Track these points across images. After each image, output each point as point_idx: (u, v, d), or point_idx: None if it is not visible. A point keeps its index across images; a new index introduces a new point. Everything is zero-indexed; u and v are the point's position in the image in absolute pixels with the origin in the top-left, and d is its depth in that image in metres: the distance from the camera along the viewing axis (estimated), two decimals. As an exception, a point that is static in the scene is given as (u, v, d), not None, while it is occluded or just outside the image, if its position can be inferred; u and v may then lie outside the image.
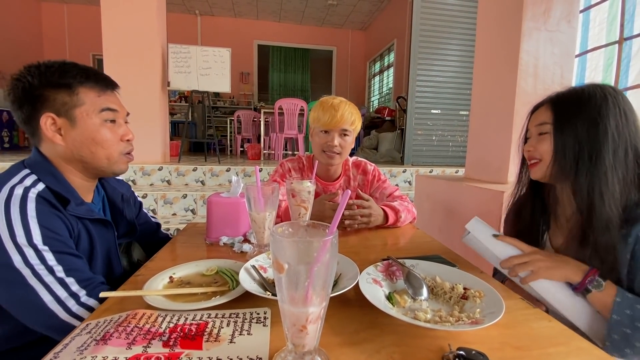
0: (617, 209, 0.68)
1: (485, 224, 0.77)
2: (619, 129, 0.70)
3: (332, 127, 1.13)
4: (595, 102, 0.71)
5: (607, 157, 0.69)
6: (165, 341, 0.44)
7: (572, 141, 0.73)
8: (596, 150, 0.70)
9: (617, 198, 0.69)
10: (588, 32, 2.25)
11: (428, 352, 0.44)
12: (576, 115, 0.73)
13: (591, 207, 0.70)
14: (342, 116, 1.11)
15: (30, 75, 0.70)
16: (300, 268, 0.36)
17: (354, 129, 1.17)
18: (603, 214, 0.68)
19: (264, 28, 7.84)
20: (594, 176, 0.70)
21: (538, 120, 0.80)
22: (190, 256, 0.78)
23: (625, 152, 0.70)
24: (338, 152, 1.15)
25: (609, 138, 0.70)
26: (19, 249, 0.61)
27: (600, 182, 0.69)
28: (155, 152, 3.56)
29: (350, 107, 1.15)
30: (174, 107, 7.00)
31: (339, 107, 1.12)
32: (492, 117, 1.98)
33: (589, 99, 0.72)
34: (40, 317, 0.62)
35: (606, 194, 0.69)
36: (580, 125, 0.72)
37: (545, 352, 0.45)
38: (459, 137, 4.16)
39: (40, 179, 0.69)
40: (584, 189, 0.71)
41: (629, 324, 0.60)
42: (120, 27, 3.32)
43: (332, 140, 1.13)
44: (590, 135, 0.71)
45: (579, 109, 0.73)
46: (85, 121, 0.73)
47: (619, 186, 0.69)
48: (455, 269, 0.66)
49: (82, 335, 0.46)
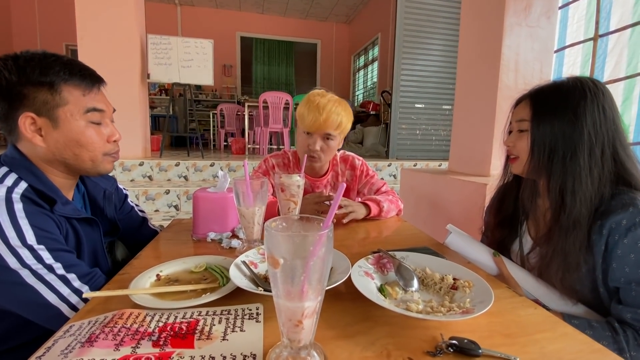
0: (587, 209, 0.69)
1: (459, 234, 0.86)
2: (596, 127, 0.70)
3: (314, 130, 1.07)
4: (573, 99, 0.71)
5: (581, 157, 0.70)
6: (155, 341, 0.43)
7: (548, 140, 0.73)
8: (570, 150, 0.70)
9: (589, 198, 0.69)
10: (566, 28, 2.32)
11: (421, 342, 0.45)
12: (553, 114, 0.73)
13: (562, 205, 0.71)
14: (325, 120, 1.04)
15: (7, 70, 0.63)
16: (296, 262, 0.35)
17: (341, 132, 1.11)
18: (573, 214, 0.69)
19: (246, 20, 7.68)
20: (567, 175, 0.71)
21: (518, 116, 0.80)
22: (177, 253, 0.76)
23: (602, 151, 0.70)
24: (319, 156, 1.10)
25: (585, 138, 0.70)
26: (13, 250, 0.58)
27: (573, 181, 0.70)
28: (136, 147, 3.44)
29: (339, 107, 1.07)
30: (153, 101, 6.79)
31: (324, 109, 1.04)
32: (474, 111, 2.02)
33: (566, 96, 0.72)
34: (46, 315, 0.61)
35: (578, 194, 0.69)
36: (557, 124, 0.72)
37: (532, 338, 0.47)
38: (442, 131, 4.23)
39: (21, 177, 0.65)
40: (556, 188, 0.72)
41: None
42: (96, 16, 3.16)
43: (313, 144, 1.07)
44: (565, 135, 0.71)
45: (555, 108, 0.73)
46: (69, 122, 0.68)
47: (592, 186, 0.69)
48: (444, 260, 0.67)
49: (65, 338, 0.44)
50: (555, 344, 0.46)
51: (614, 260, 0.67)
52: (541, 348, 0.45)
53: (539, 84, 0.80)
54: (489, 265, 0.80)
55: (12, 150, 0.69)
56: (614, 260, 0.67)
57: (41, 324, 0.62)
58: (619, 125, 0.73)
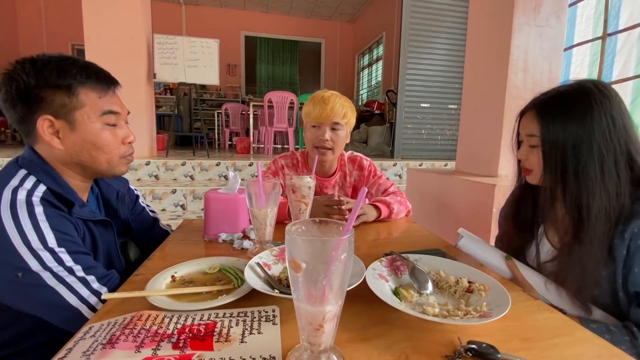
0: (604, 225, 0.68)
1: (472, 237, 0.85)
2: (605, 138, 0.68)
3: (322, 121, 1.11)
4: (580, 112, 0.69)
5: (592, 171, 0.68)
6: (175, 343, 0.43)
7: (558, 156, 0.72)
8: (581, 164, 0.69)
9: (605, 213, 0.68)
10: (574, 27, 2.30)
11: (439, 346, 0.45)
12: (560, 129, 0.71)
13: (579, 221, 0.70)
14: (332, 109, 1.09)
15: (25, 74, 0.64)
16: (317, 267, 0.35)
17: (347, 123, 1.14)
18: (589, 230, 0.68)
19: (251, 19, 7.69)
20: (581, 190, 0.69)
21: (527, 131, 0.78)
22: (190, 254, 0.76)
23: (615, 161, 0.69)
24: (330, 147, 1.13)
25: (594, 151, 0.68)
26: (35, 253, 0.59)
27: (587, 196, 0.69)
28: (142, 147, 3.46)
29: (342, 99, 1.13)
30: (159, 100, 6.82)
31: (329, 100, 1.10)
32: (482, 110, 2.01)
33: (572, 110, 0.70)
34: (66, 317, 0.62)
35: (593, 209, 0.68)
36: (565, 139, 0.70)
37: (550, 343, 0.47)
38: (448, 130, 4.21)
39: (39, 180, 0.66)
40: (572, 202, 0.71)
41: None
42: (103, 16, 3.18)
43: (322, 135, 1.11)
44: (575, 150, 0.70)
45: (563, 123, 0.71)
46: (86, 125, 0.69)
47: (609, 200, 0.68)
48: (458, 263, 0.67)
49: (86, 339, 0.45)
50: (574, 349, 0.46)
51: (636, 264, 0.66)
52: (560, 352, 0.45)
53: (542, 92, 0.79)
54: (502, 268, 0.79)
55: (30, 152, 0.70)
56: (636, 265, 0.66)
57: (61, 326, 0.62)
58: (630, 129, 0.71)
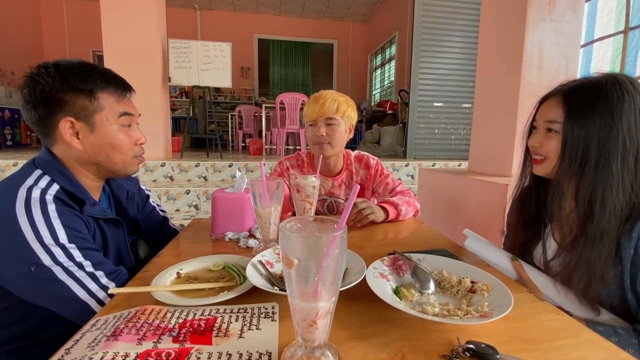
0: (616, 220, 0.66)
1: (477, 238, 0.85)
2: (631, 133, 0.66)
3: (315, 118, 1.15)
4: (612, 102, 0.66)
5: (614, 164, 0.66)
6: (175, 336, 0.45)
7: (581, 145, 0.69)
8: (604, 157, 0.67)
9: (619, 208, 0.66)
10: (595, 22, 2.22)
11: (437, 346, 0.45)
12: (589, 116, 0.68)
13: (590, 215, 0.68)
14: (322, 105, 1.13)
15: (50, 77, 0.68)
16: (310, 263, 0.35)
17: (342, 117, 1.16)
18: (601, 224, 0.66)
19: (264, 22, 7.78)
20: (598, 183, 0.67)
21: (548, 116, 0.75)
22: (196, 252, 0.78)
23: (635, 158, 0.66)
24: (327, 141, 1.15)
25: (619, 144, 0.66)
26: (47, 248, 0.62)
27: (604, 190, 0.66)
28: (158, 149, 3.56)
29: (335, 95, 1.16)
30: (174, 103, 7.00)
31: (321, 98, 1.14)
32: (496, 109, 1.97)
33: (605, 98, 0.67)
34: (75, 310, 0.64)
35: (608, 204, 0.66)
36: (592, 128, 0.67)
37: (554, 345, 0.45)
38: (462, 130, 4.14)
39: (53, 179, 0.70)
40: (586, 196, 0.68)
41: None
42: (120, 23, 3.30)
43: (317, 130, 1.15)
44: (600, 141, 0.67)
45: (593, 111, 0.68)
46: (105, 127, 0.73)
47: (624, 196, 0.66)
48: (462, 263, 0.66)
49: (92, 332, 0.47)
50: (579, 351, 0.44)
51: None
52: (564, 355, 0.43)
53: (568, 81, 0.75)
54: (507, 269, 0.77)
55: (46, 153, 0.74)
56: None
57: (70, 319, 0.65)
58: None
